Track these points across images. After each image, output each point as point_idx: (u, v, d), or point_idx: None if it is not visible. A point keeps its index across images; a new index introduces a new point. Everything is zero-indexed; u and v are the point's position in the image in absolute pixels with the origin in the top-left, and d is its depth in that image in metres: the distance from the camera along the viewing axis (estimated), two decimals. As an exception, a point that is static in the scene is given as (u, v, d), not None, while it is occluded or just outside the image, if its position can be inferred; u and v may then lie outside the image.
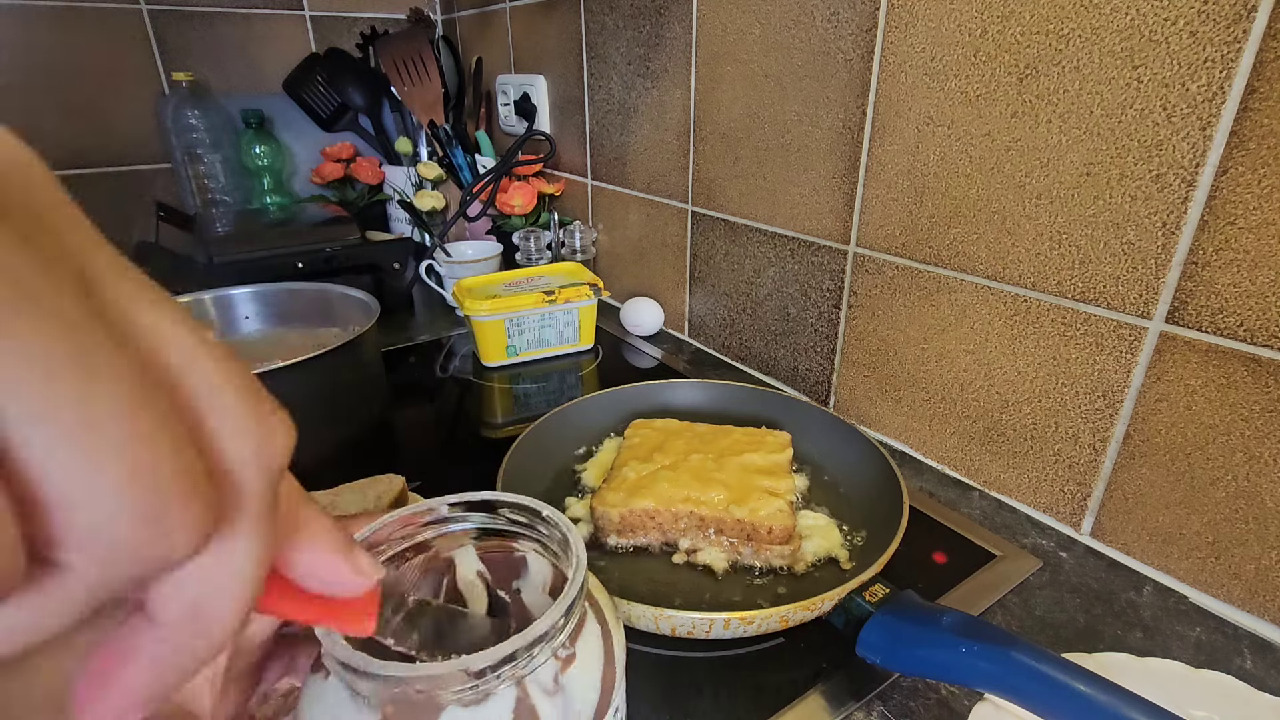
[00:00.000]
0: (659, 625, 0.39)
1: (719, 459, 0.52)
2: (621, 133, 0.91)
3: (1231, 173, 0.39)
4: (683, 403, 0.65)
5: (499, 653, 0.20)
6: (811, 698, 0.39)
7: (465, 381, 0.79)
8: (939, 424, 0.60)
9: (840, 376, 0.69)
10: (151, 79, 1.11)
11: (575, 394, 0.71)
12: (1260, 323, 0.40)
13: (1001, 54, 0.48)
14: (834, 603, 0.40)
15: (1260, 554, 0.43)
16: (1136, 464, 0.48)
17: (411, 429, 0.70)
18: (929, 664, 0.35)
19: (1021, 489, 0.55)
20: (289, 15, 1.19)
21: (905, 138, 0.56)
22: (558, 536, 0.25)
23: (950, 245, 0.55)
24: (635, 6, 0.82)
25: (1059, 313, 0.49)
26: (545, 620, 0.21)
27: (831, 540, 0.49)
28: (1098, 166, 0.45)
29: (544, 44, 1.03)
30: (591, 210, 1.04)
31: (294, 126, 1.22)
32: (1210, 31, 0.39)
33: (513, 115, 1.12)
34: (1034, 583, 0.48)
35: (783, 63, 0.65)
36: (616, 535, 0.49)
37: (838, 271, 0.66)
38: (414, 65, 1.06)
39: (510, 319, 0.79)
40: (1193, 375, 0.43)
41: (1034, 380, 0.52)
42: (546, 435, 0.57)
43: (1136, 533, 0.49)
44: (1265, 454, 0.41)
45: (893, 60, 0.55)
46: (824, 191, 0.65)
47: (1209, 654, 0.42)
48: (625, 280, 1.00)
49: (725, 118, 0.73)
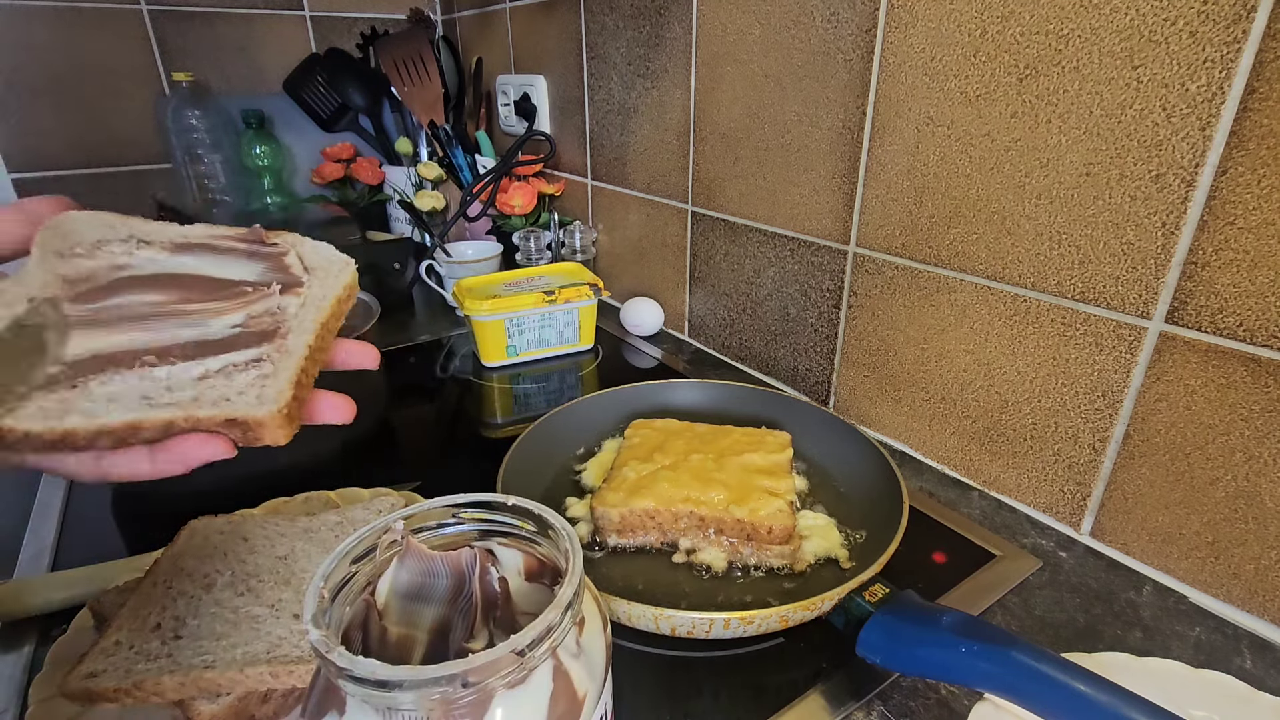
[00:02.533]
0: (659, 625, 0.39)
1: (719, 459, 0.52)
2: (621, 133, 0.91)
3: (1231, 173, 0.39)
4: (683, 403, 0.65)
5: (540, 626, 0.21)
6: (811, 698, 0.39)
7: (465, 381, 0.79)
8: (939, 424, 0.60)
9: (840, 376, 0.69)
10: (151, 79, 1.11)
11: (575, 394, 0.71)
12: (1260, 323, 0.40)
13: (1001, 54, 0.48)
14: (834, 603, 0.40)
15: (1260, 554, 0.43)
16: (1136, 464, 0.48)
17: (411, 429, 0.70)
18: (929, 664, 0.35)
19: (1021, 489, 0.55)
20: (289, 15, 1.19)
21: (905, 138, 0.56)
22: (530, 524, 0.27)
23: (950, 245, 0.55)
24: (635, 6, 0.82)
25: (1059, 313, 0.49)
26: (568, 588, 0.23)
27: (831, 540, 0.49)
28: (1097, 166, 0.45)
29: (544, 44, 1.03)
30: (591, 210, 1.04)
31: (294, 126, 1.22)
32: (1210, 32, 0.39)
33: (513, 115, 1.12)
34: (1034, 583, 0.48)
35: (783, 63, 0.65)
36: (616, 535, 0.49)
37: (838, 271, 0.66)
38: (414, 65, 1.06)
39: (510, 319, 0.79)
40: (1192, 375, 0.43)
41: (1034, 380, 0.52)
42: (546, 435, 0.57)
43: (1136, 533, 0.49)
44: (1265, 454, 0.41)
45: (893, 60, 0.55)
46: (824, 191, 0.65)
47: (1209, 654, 0.42)
48: (625, 280, 1.00)
49: (725, 118, 0.73)
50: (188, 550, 0.41)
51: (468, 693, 0.20)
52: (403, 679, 0.19)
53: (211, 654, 0.34)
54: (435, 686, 0.19)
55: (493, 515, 0.28)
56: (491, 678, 0.20)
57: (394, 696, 0.19)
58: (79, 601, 0.42)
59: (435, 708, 0.20)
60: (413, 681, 0.19)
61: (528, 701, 0.22)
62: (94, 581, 0.43)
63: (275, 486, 0.53)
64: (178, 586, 0.38)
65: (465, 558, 0.27)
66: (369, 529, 0.26)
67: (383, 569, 0.26)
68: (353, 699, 0.21)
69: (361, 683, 0.19)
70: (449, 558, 0.27)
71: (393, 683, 0.19)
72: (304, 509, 0.51)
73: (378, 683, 0.19)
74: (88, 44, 1.05)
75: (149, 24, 1.09)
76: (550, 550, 0.27)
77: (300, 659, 0.34)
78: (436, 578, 0.26)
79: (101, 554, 0.46)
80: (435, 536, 0.27)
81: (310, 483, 0.53)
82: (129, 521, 0.55)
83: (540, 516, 0.27)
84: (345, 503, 0.51)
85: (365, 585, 0.25)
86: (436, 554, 0.27)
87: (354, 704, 0.21)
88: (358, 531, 0.25)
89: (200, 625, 0.36)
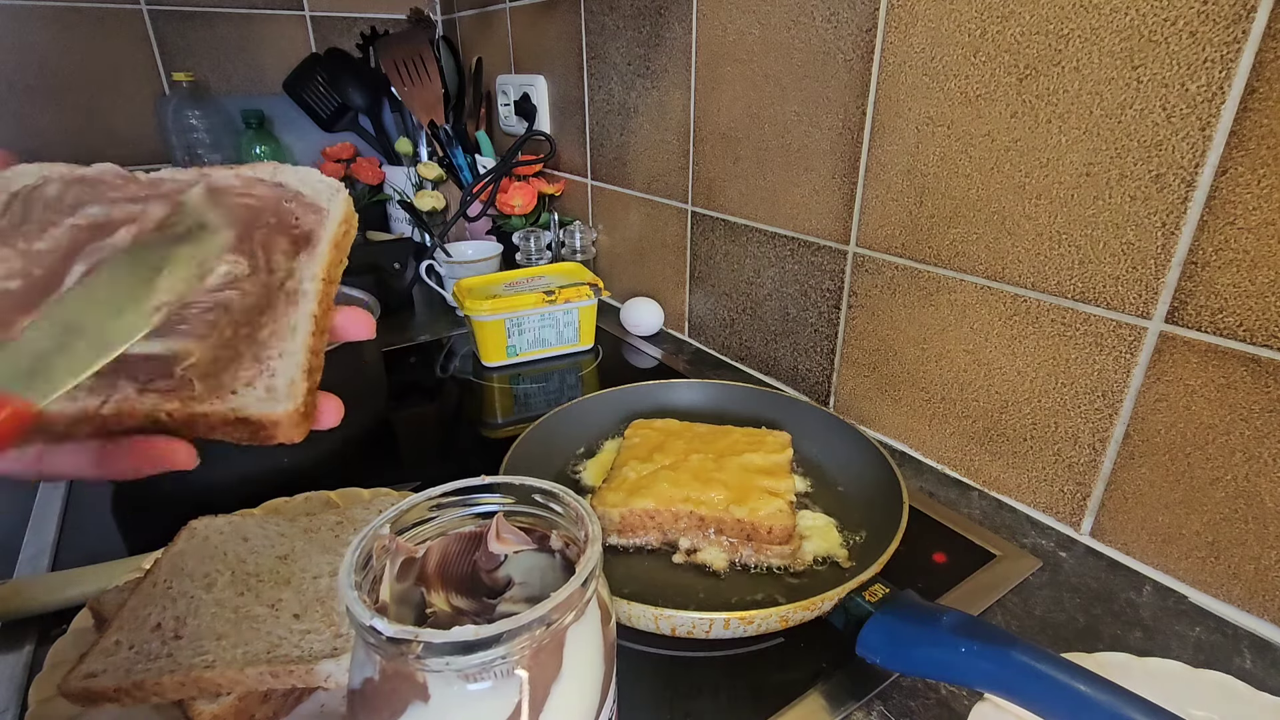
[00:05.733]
0: (659, 625, 0.39)
1: (719, 459, 0.52)
2: (621, 133, 0.91)
3: (1231, 173, 0.39)
4: (683, 403, 0.65)
5: (590, 561, 0.23)
6: (811, 698, 0.39)
7: (465, 381, 0.79)
8: (939, 424, 0.60)
9: (840, 376, 0.69)
10: (151, 79, 1.11)
11: (575, 394, 0.71)
12: (1260, 323, 0.40)
13: (1001, 54, 0.48)
14: (834, 603, 0.40)
15: (1260, 554, 0.43)
16: (1136, 464, 0.48)
17: (411, 429, 0.70)
18: (929, 664, 0.35)
19: (1021, 489, 0.55)
20: (289, 15, 1.19)
21: (905, 138, 0.56)
22: (514, 497, 0.29)
23: (950, 245, 0.55)
24: (635, 6, 0.82)
25: (1059, 313, 0.49)
26: (594, 551, 0.24)
27: (831, 540, 0.49)
28: (1097, 166, 0.45)
29: (544, 44, 1.03)
30: (591, 210, 1.04)
31: (294, 126, 1.22)
32: (1210, 32, 0.39)
33: (513, 115, 1.12)
34: (1034, 583, 0.48)
35: (783, 63, 0.65)
36: (617, 535, 0.49)
37: (838, 271, 0.66)
38: (414, 65, 1.06)
39: (510, 319, 0.79)
40: (1192, 375, 0.43)
41: (1034, 380, 0.52)
42: (546, 435, 0.57)
43: (1136, 533, 0.49)
44: (1265, 454, 0.41)
45: (892, 60, 0.55)
46: (824, 192, 0.65)
47: (1209, 654, 0.42)
48: (625, 280, 1.00)
49: (725, 118, 0.73)
50: (188, 550, 0.41)
51: (548, 633, 0.21)
52: (500, 632, 0.20)
53: (212, 654, 0.34)
54: (528, 632, 0.21)
55: (484, 496, 0.29)
56: (568, 614, 0.22)
57: (488, 655, 0.20)
58: (79, 601, 0.42)
59: (524, 656, 0.21)
60: (510, 632, 0.20)
61: (588, 630, 0.24)
62: (94, 581, 0.43)
63: (275, 486, 0.53)
64: (178, 586, 0.38)
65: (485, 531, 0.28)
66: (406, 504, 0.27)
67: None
68: (436, 678, 0.21)
69: (456, 651, 0.20)
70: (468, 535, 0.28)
71: (491, 639, 0.20)
72: (304, 509, 0.51)
73: (473, 645, 0.20)
74: (88, 44, 1.05)
75: (149, 24, 1.09)
76: (543, 518, 0.28)
77: (301, 659, 0.34)
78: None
79: (101, 554, 0.46)
80: (433, 526, 0.28)
81: (310, 483, 0.53)
82: (129, 521, 0.55)
83: (522, 485, 0.28)
84: (345, 503, 0.51)
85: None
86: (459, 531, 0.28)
87: (439, 682, 0.21)
88: (399, 505, 0.27)
89: (200, 625, 0.36)
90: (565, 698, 0.23)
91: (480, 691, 0.21)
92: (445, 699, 0.21)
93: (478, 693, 0.21)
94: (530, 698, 0.22)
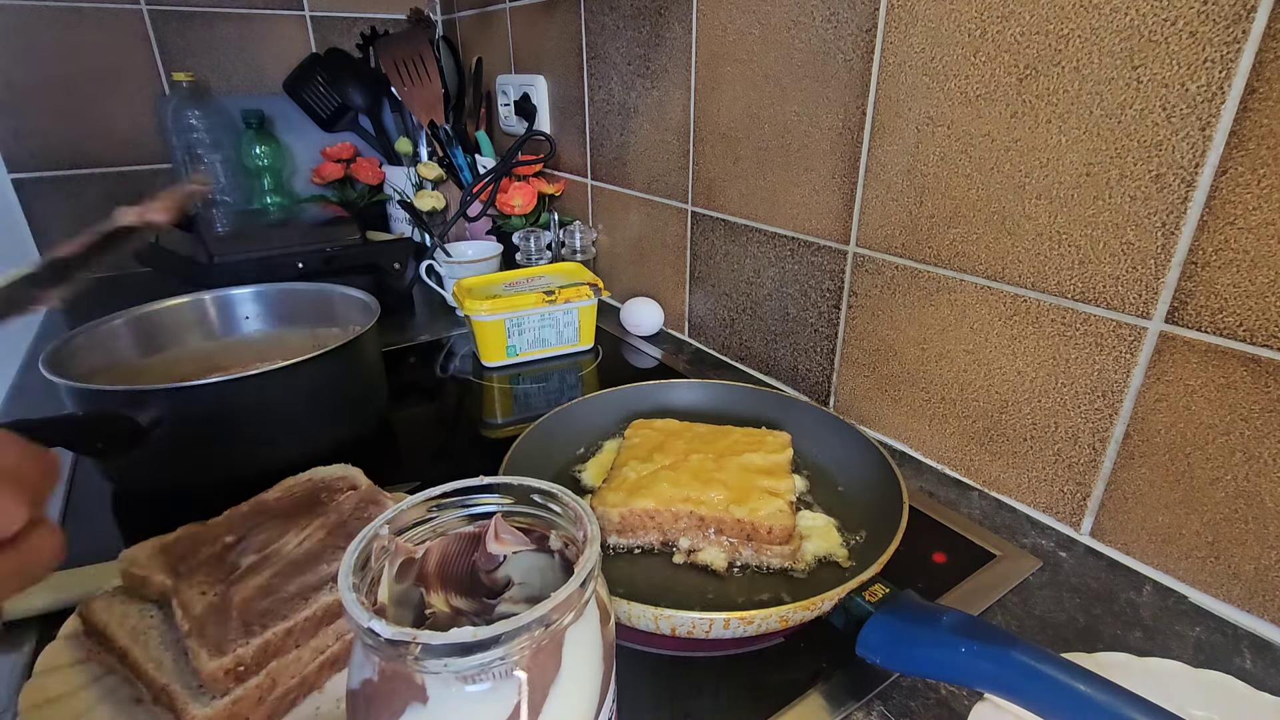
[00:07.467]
0: (659, 625, 0.39)
1: (719, 459, 0.52)
2: (621, 133, 0.91)
3: (1231, 173, 0.39)
4: (682, 403, 0.65)
5: (589, 562, 0.23)
6: (811, 698, 0.39)
7: (465, 381, 0.79)
8: (939, 424, 0.60)
9: (840, 376, 0.69)
10: (151, 79, 1.11)
11: (575, 394, 0.71)
12: (1260, 323, 0.40)
13: (1001, 54, 0.48)
14: (834, 603, 0.40)
15: (1260, 554, 0.43)
16: (1136, 464, 0.48)
17: (411, 429, 0.70)
18: (929, 664, 0.35)
19: (1021, 489, 0.55)
20: (289, 15, 1.19)
21: (905, 138, 0.56)
22: (511, 497, 0.28)
23: (950, 245, 0.55)
24: (635, 6, 0.82)
25: (1059, 313, 0.49)
26: (592, 552, 0.24)
27: (831, 540, 0.49)
28: (1097, 166, 0.45)
29: (544, 44, 1.03)
30: (591, 210, 1.04)
31: (294, 126, 1.22)
32: (1210, 32, 0.39)
33: (513, 115, 1.12)
34: (1034, 583, 0.48)
35: (783, 63, 0.65)
36: (617, 535, 0.49)
37: (838, 271, 0.66)
38: (414, 65, 1.06)
39: (510, 319, 0.79)
40: (1192, 375, 0.43)
41: (1034, 380, 0.52)
42: (546, 435, 0.57)
43: (1136, 533, 0.49)
44: (1265, 454, 0.41)
45: (893, 60, 0.55)
46: (824, 192, 0.65)
47: (1209, 654, 0.42)
48: (625, 280, 1.00)
49: (725, 118, 0.73)
50: None
51: (547, 633, 0.21)
52: (498, 633, 0.20)
53: None
54: (527, 633, 0.21)
55: (483, 496, 0.29)
56: (567, 614, 0.22)
57: (486, 656, 0.20)
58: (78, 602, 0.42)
59: (523, 657, 0.21)
60: (509, 633, 0.20)
61: (587, 631, 0.24)
62: (94, 581, 0.43)
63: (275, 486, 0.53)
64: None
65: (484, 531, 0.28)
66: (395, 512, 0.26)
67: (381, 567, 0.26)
68: (435, 680, 0.21)
69: (454, 653, 0.20)
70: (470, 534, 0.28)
71: (489, 640, 0.20)
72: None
73: (471, 647, 0.20)
74: (88, 44, 1.05)
75: (149, 24, 1.09)
76: (541, 518, 0.28)
77: None
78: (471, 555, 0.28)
79: (101, 554, 0.46)
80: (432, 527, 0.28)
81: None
82: (129, 521, 0.55)
83: (520, 485, 0.28)
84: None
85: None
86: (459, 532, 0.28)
87: (438, 684, 0.21)
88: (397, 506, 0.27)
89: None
90: (564, 698, 0.23)
91: (479, 693, 0.21)
92: (444, 700, 0.21)
93: (476, 694, 0.21)
94: (529, 699, 0.22)
